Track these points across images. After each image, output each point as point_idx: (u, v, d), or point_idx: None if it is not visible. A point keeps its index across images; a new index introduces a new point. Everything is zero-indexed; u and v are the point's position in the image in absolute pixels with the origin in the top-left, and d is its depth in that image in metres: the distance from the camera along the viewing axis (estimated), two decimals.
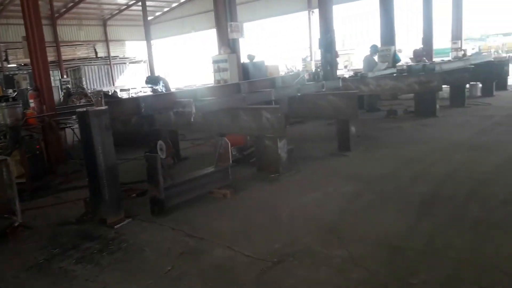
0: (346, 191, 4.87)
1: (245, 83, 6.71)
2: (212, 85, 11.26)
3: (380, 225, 3.83)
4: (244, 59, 11.55)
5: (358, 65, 28.58)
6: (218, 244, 3.72)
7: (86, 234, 4.25)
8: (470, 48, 25.43)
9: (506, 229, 3.56)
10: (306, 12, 27.53)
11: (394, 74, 10.58)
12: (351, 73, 15.04)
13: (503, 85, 13.27)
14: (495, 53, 24.81)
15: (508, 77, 13.80)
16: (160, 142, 4.58)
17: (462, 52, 21.25)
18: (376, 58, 12.17)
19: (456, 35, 22.89)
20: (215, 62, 10.20)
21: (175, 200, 4.69)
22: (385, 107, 11.10)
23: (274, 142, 5.59)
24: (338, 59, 12.36)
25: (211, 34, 30.57)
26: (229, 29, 9.99)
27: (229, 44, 10.05)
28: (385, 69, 11.41)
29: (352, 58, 37.46)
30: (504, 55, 24.07)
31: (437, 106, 9.68)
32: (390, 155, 6.47)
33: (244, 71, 10.58)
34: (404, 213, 4.07)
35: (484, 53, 21.06)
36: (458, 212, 4.01)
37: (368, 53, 12.39)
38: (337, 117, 6.68)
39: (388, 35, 15.31)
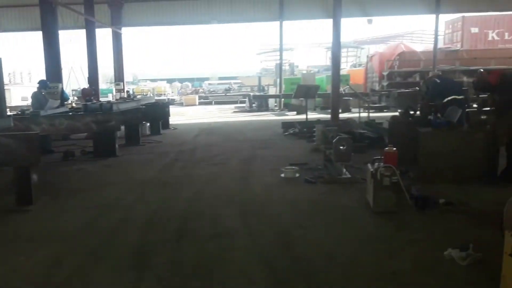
0: (42, 258, 3.86)
1: None
2: None
3: None
4: None
5: (16, 102, 25.35)
6: None
7: None
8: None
9: (225, 268, 3.61)
10: None
11: (70, 113, 9.82)
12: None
13: (166, 124, 14.94)
14: (150, 95, 27.84)
15: (170, 117, 15.58)
16: None
17: (126, 94, 22.65)
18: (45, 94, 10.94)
19: (119, 78, 24.30)
20: None
21: None
22: (58, 148, 10.21)
23: None
24: None
25: None
26: None
27: None
28: (57, 107, 10.47)
29: (7, 94, 32.94)
30: (163, 98, 27.26)
31: (117, 146, 9.62)
32: (82, 203, 5.75)
33: None
34: (122, 273, 3.55)
35: (138, 96, 23.18)
36: (175, 258, 3.83)
37: (36, 89, 10.96)
38: (14, 164, 5.37)
39: (54, 71, 14.35)
